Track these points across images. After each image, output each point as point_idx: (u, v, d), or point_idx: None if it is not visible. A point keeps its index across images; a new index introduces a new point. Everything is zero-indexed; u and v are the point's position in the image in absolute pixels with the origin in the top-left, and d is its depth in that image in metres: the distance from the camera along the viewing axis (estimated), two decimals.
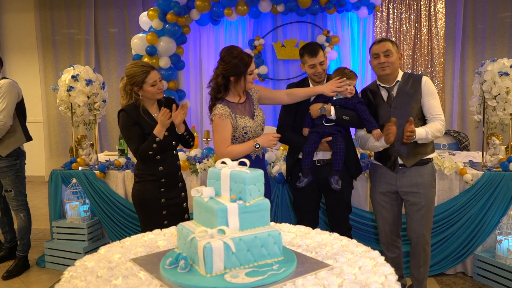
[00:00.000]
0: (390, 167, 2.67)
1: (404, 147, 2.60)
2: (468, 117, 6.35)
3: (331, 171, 2.67)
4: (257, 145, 2.48)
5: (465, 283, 3.19)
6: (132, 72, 2.54)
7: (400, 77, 2.66)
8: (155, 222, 2.55)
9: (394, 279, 1.36)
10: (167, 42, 5.45)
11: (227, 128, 2.47)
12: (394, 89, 2.64)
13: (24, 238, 3.61)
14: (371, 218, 3.32)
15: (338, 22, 6.42)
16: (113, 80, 6.98)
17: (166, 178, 2.63)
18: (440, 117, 2.60)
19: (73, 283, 1.38)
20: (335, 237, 1.76)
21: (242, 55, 2.46)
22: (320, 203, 2.97)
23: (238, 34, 6.56)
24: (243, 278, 1.33)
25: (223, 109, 2.47)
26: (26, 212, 3.63)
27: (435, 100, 2.61)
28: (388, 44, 2.60)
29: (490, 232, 3.19)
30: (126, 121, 2.56)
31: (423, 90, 2.60)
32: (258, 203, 1.48)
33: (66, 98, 3.58)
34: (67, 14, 6.98)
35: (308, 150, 2.67)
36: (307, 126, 2.72)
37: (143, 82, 2.53)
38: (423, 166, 2.64)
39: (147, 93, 2.57)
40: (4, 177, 3.52)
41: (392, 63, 2.59)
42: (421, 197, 2.64)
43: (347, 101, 2.64)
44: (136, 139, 2.54)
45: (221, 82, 2.49)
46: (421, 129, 2.53)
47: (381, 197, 2.76)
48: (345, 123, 2.65)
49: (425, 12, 6.21)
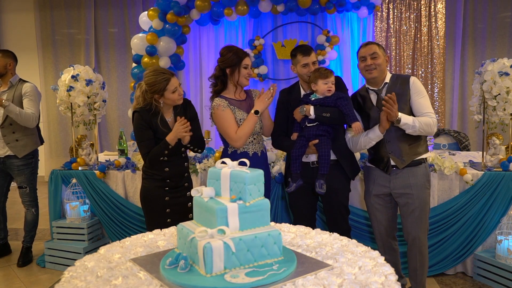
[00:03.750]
0: (383, 169, 2.66)
1: (396, 148, 2.59)
2: (468, 117, 6.34)
3: (317, 174, 2.66)
4: (256, 112, 2.60)
5: (465, 283, 3.19)
6: (153, 80, 2.51)
7: (389, 79, 2.65)
8: (159, 219, 2.58)
9: (394, 279, 1.36)
10: (167, 42, 5.45)
11: (229, 116, 2.61)
12: (383, 91, 2.63)
13: (32, 230, 3.81)
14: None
15: (338, 22, 6.42)
16: (113, 80, 6.98)
17: (172, 179, 2.64)
18: (429, 114, 2.56)
19: (73, 283, 1.37)
20: (335, 237, 1.76)
21: (237, 50, 2.65)
22: (320, 205, 2.96)
23: (238, 34, 6.56)
24: (243, 278, 1.33)
25: (221, 101, 2.63)
26: (37, 207, 3.82)
27: (424, 99, 2.59)
28: (374, 47, 2.60)
29: (490, 232, 3.19)
30: (139, 124, 2.55)
31: (411, 90, 2.58)
32: (258, 203, 1.48)
33: (66, 98, 3.58)
34: (67, 14, 6.98)
35: (296, 155, 2.66)
36: (295, 131, 2.72)
37: (165, 89, 2.51)
38: (416, 167, 2.62)
39: (168, 100, 2.56)
40: (21, 175, 3.67)
41: (379, 65, 2.58)
42: (414, 199, 2.62)
43: (326, 99, 2.63)
44: (147, 143, 2.55)
45: (218, 74, 2.67)
46: (408, 116, 2.50)
47: (375, 199, 2.75)
48: (327, 120, 2.61)
49: (425, 12, 6.21)
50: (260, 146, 2.76)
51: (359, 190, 3.34)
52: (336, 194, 2.74)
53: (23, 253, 3.73)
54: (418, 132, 2.54)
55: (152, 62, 5.43)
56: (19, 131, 3.61)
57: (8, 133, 3.58)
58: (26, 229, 3.79)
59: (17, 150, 3.61)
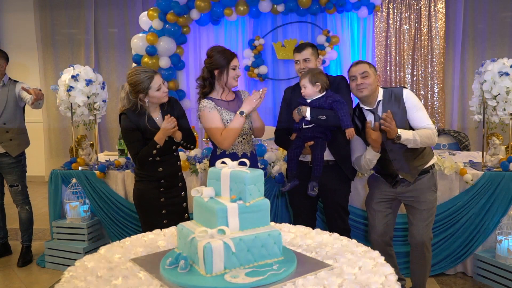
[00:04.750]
0: (391, 183, 2.66)
1: (403, 164, 2.57)
2: (468, 117, 6.34)
3: (311, 176, 2.65)
4: (241, 113, 2.54)
5: (465, 283, 3.19)
6: (136, 79, 2.49)
7: (381, 95, 2.61)
8: (155, 221, 2.55)
9: (394, 279, 1.36)
10: (167, 42, 5.44)
11: (216, 117, 2.57)
12: (378, 110, 2.60)
13: (29, 228, 3.81)
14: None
15: (338, 22, 6.42)
16: (113, 80, 6.98)
17: (166, 179, 2.62)
18: (428, 126, 2.54)
19: (73, 283, 1.38)
20: (335, 237, 1.76)
21: (225, 50, 2.60)
22: (320, 205, 2.96)
23: (238, 34, 6.56)
24: (243, 278, 1.33)
25: (207, 102, 2.59)
26: (30, 205, 3.83)
27: (420, 112, 2.57)
28: (364, 66, 2.58)
29: (490, 232, 3.19)
30: (126, 125, 2.53)
31: (406, 105, 2.55)
32: (258, 203, 1.48)
33: (66, 98, 3.58)
34: (67, 14, 6.98)
35: (291, 155, 2.66)
36: (294, 131, 2.72)
37: (148, 88, 2.49)
38: (424, 175, 2.62)
39: (153, 98, 2.55)
40: (12, 173, 3.68)
41: (370, 84, 2.55)
42: (420, 202, 2.62)
43: (322, 101, 2.60)
44: (136, 144, 2.53)
45: (206, 76, 2.62)
46: (408, 131, 2.49)
47: (377, 205, 2.74)
48: (323, 122, 2.58)
49: (425, 12, 6.21)
50: (250, 146, 2.72)
51: (360, 191, 3.34)
52: (335, 195, 2.74)
53: (23, 253, 3.74)
54: (420, 145, 2.52)
55: (152, 62, 5.42)
56: (13, 131, 3.64)
57: (2, 133, 3.60)
58: (22, 229, 3.79)
59: (12, 149, 3.63)
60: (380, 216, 2.72)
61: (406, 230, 2.87)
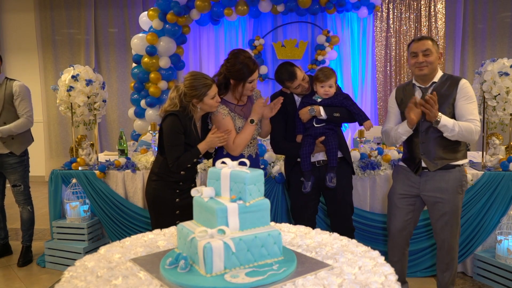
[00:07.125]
0: (413, 170, 2.57)
1: (430, 150, 2.49)
2: None
3: (327, 168, 2.68)
4: (252, 121, 2.60)
5: (465, 283, 3.19)
6: (195, 84, 2.47)
7: (438, 78, 2.50)
8: (168, 221, 2.54)
9: (394, 279, 1.36)
10: (167, 42, 5.45)
11: (229, 124, 2.60)
12: (428, 90, 2.49)
13: (30, 228, 3.81)
14: (372, 219, 3.31)
15: (338, 22, 6.43)
16: (113, 80, 6.98)
17: (185, 182, 2.63)
18: (473, 121, 2.40)
19: (73, 283, 1.38)
20: (335, 237, 1.76)
21: (248, 62, 2.54)
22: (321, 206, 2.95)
23: (238, 34, 6.56)
24: (243, 278, 1.33)
25: (222, 108, 2.60)
26: (31, 205, 3.82)
27: (471, 105, 2.42)
28: (428, 43, 2.44)
29: (490, 232, 3.19)
30: (175, 127, 2.49)
31: (459, 93, 2.43)
32: (258, 203, 1.48)
33: (66, 98, 3.58)
34: (67, 14, 6.98)
35: (305, 153, 2.67)
36: (299, 132, 2.73)
37: (205, 95, 2.48)
38: (448, 171, 2.50)
39: (205, 105, 2.53)
40: (14, 173, 3.67)
41: (431, 63, 2.44)
42: (444, 203, 2.51)
43: (333, 100, 2.65)
44: (180, 148, 2.51)
45: (221, 81, 2.60)
46: (449, 119, 2.36)
47: (399, 199, 2.65)
48: (337, 119, 2.66)
49: (425, 12, 6.22)
50: (255, 148, 2.76)
51: (360, 191, 3.34)
52: (342, 191, 2.76)
53: (23, 252, 3.74)
54: (457, 137, 2.40)
55: (152, 62, 5.43)
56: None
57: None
58: (23, 228, 3.79)
59: (15, 148, 3.62)
60: (402, 213, 2.64)
61: (418, 228, 2.81)
